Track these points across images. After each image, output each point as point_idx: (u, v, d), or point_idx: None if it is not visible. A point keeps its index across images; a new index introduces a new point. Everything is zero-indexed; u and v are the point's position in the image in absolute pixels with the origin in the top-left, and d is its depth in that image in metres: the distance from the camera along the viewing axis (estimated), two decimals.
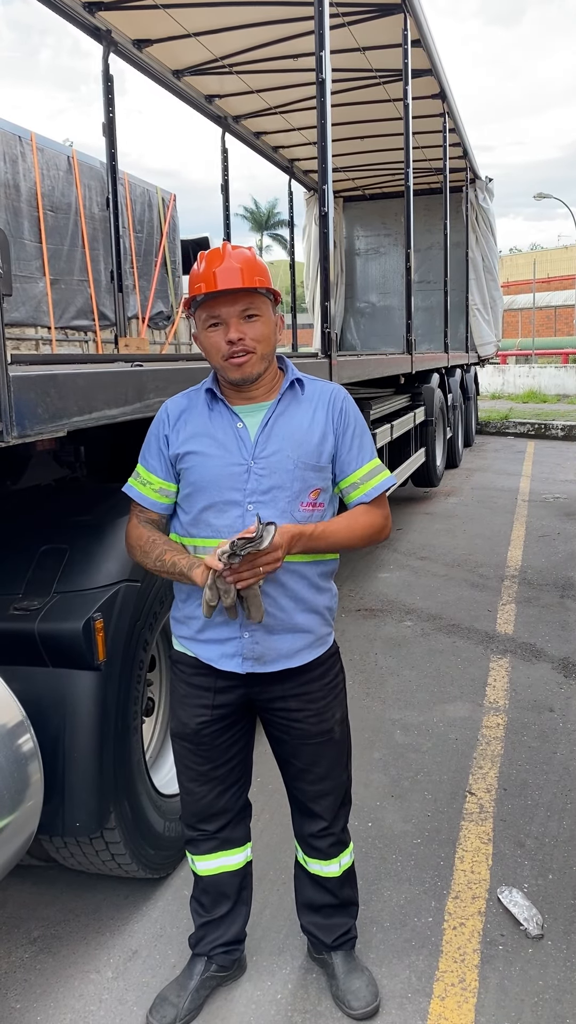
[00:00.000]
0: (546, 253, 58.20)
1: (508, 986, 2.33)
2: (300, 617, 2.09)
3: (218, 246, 2.02)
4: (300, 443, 2.03)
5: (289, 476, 2.01)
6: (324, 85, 4.52)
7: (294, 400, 2.08)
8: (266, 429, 2.03)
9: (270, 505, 2.00)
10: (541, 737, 3.77)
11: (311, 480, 2.04)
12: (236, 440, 2.02)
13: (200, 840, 2.25)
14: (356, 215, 14.00)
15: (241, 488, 2.00)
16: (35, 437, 1.93)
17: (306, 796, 2.24)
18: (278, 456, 2.01)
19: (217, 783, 2.19)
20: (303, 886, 2.37)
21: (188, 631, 2.14)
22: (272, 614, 2.03)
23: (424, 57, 7.69)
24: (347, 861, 2.33)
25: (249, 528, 1.84)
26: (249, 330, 1.97)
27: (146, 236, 11.37)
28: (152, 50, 7.41)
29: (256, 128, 10.09)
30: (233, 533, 1.95)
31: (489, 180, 13.09)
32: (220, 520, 2.02)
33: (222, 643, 2.08)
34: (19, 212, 8.63)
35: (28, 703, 2.10)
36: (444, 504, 9.27)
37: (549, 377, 24.72)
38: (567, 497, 9.60)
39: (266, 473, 2.00)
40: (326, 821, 2.25)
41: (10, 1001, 2.34)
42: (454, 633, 5.13)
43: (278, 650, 2.07)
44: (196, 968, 2.29)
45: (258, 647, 2.06)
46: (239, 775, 2.23)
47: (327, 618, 2.17)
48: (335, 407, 2.09)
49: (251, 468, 2.01)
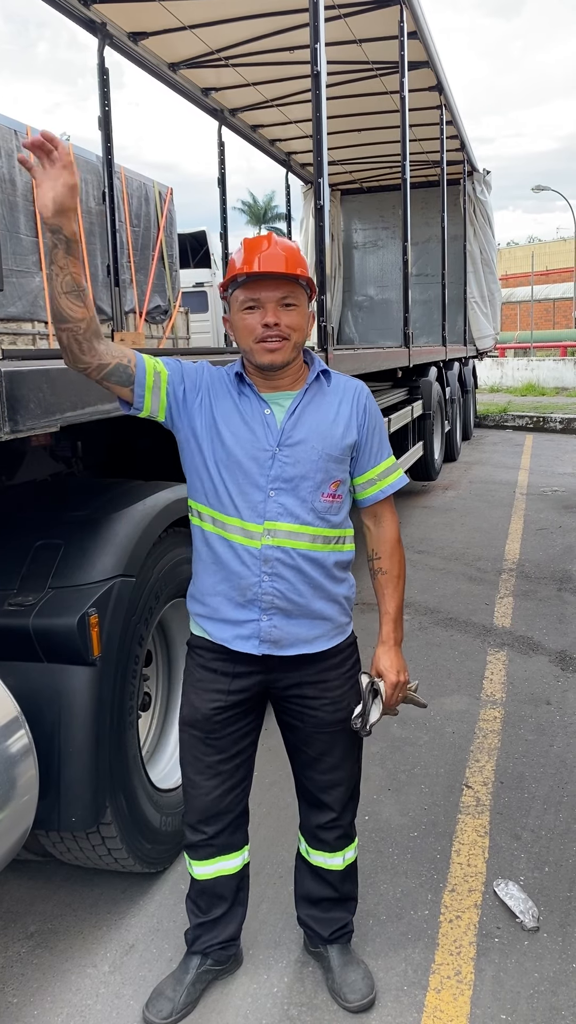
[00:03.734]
0: (544, 246, 58.06)
1: (504, 978, 2.34)
2: (318, 604, 2.09)
3: (263, 234, 2.04)
4: (325, 435, 2.05)
5: (313, 466, 2.03)
6: (319, 78, 4.50)
7: (320, 391, 2.10)
8: (293, 417, 2.05)
9: (292, 493, 2.02)
10: (538, 730, 3.77)
11: (333, 471, 2.06)
12: (263, 425, 2.04)
13: (199, 845, 2.23)
14: (354, 208, 13.97)
15: (265, 473, 2.02)
16: (28, 432, 1.93)
17: (316, 786, 2.24)
18: (304, 446, 2.03)
19: (223, 778, 2.17)
20: (303, 878, 2.37)
21: (202, 608, 2.14)
22: (291, 599, 2.05)
23: (421, 49, 7.66)
24: (351, 856, 2.33)
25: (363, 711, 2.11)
26: (285, 317, 1.99)
27: (143, 230, 11.33)
28: (148, 43, 7.39)
29: (253, 121, 10.06)
30: (253, 516, 2.01)
31: (487, 172, 13.06)
32: (242, 501, 2.03)
33: (238, 624, 2.08)
34: (15, 206, 8.60)
35: (23, 699, 2.10)
36: (442, 498, 9.27)
37: (547, 370, 24.70)
38: (565, 490, 9.60)
39: (291, 461, 2.02)
40: (335, 812, 2.25)
41: (7, 996, 2.34)
42: (451, 627, 5.14)
43: (296, 635, 2.08)
44: (192, 963, 2.29)
45: (276, 631, 2.07)
46: (244, 774, 2.22)
47: (345, 608, 2.17)
48: (359, 403, 2.12)
49: (276, 455, 2.02)
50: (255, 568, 2.03)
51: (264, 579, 2.04)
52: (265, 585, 2.04)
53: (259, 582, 2.04)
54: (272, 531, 2.02)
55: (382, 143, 10.91)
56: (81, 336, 1.88)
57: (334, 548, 2.10)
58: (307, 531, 2.04)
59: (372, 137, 10.74)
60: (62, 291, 1.82)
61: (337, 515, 2.10)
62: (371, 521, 2.20)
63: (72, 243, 1.80)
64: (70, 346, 1.89)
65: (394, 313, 12.68)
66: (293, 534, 2.03)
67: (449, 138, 10.15)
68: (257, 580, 2.04)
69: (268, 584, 2.04)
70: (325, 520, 2.07)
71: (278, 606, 2.05)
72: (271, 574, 2.03)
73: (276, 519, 2.02)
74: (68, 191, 1.74)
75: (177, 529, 2.78)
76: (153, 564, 2.60)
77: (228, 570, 2.06)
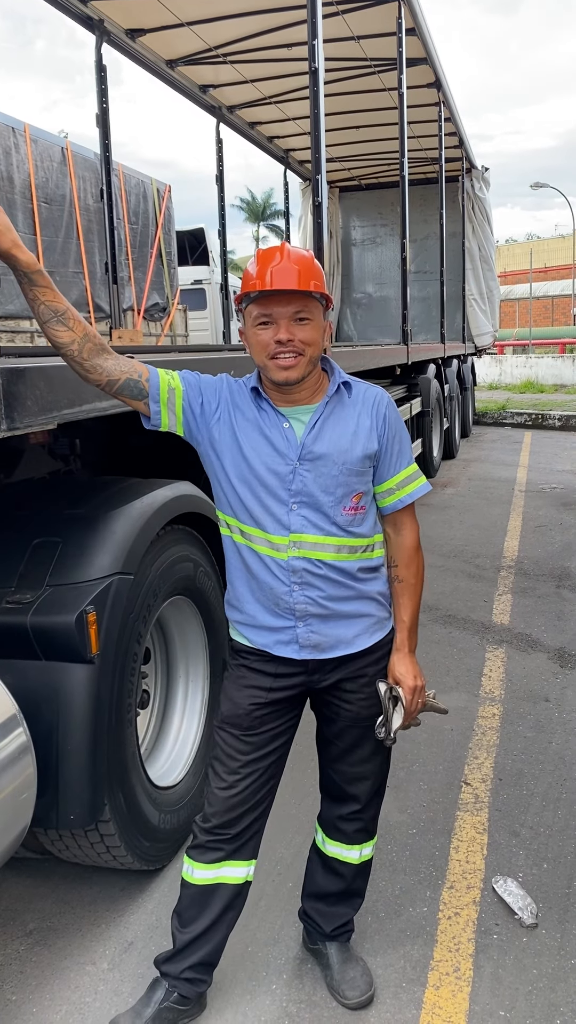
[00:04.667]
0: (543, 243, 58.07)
1: (502, 975, 2.34)
2: (353, 605, 2.09)
3: (276, 245, 2.02)
4: (346, 449, 2.03)
5: (334, 481, 2.02)
6: (317, 74, 4.50)
7: (340, 404, 2.08)
8: (314, 431, 2.03)
9: (313, 507, 2.02)
10: (536, 727, 3.78)
11: (354, 485, 2.05)
12: (283, 440, 2.02)
13: (210, 847, 2.14)
14: (352, 205, 13.95)
15: (287, 488, 2.01)
16: (25, 430, 1.92)
17: (344, 778, 2.23)
18: (324, 460, 2.02)
19: (255, 776, 2.12)
20: (315, 871, 2.36)
21: (240, 615, 2.14)
22: (324, 605, 2.05)
23: (419, 45, 7.65)
24: (368, 853, 2.32)
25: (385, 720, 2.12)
26: (299, 332, 1.96)
27: (141, 228, 11.31)
28: (145, 40, 7.38)
29: (251, 118, 10.05)
30: (278, 528, 2.02)
31: (485, 169, 13.05)
32: (265, 514, 2.02)
33: (276, 631, 2.08)
34: (13, 204, 8.59)
35: (21, 697, 2.10)
36: (441, 495, 9.27)
37: (546, 367, 24.71)
38: (564, 487, 9.60)
39: (310, 476, 2.01)
40: (359, 804, 2.25)
41: (6, 993, 2.34)
42: (450, 624, 5.14)
43: (336, 636, 2.08)
44: (155, 996, 2.16)
45: (315, 636, 2.06)
46: (273, 773, 2.17)
47: (383, 603, 2.17)
48: (379, 413, 2.09)
49: (297, 469, 2.01)
50: (284, 578, 2.04)
51: (295, 589, 2.04)
52: (296, 595, 2.04)
53: (290, 591, 2.04)
54: (298, 543, 2.02)
55: (380, 140, 10.90)
56: (79, 357, 1.91)
57: (361, 556, 2.09)
58: (332, 542, 2.03)
59: (370, 134, 10.72)
60: (43, 321, 1.87)
61: (361, 526, 2.08)
62: (391, 529, 2.18)
63: (34, 274, 1.83)
64: (72, 367, 1.94)
65: (392, 310, 12.67)
66: (318, 545, 2.03)
67: (447, 135, 10.14)
68: (287, 590, 2.04)
69: (299, 594, 2.04)
70: (349, 532, 2.05)
71: (312, 612, 2.05)
72: (301, 583, 2.03)
73: (301, 531, 2.02)
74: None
75: (175, 527, 2.78)
76: (151, 562, 2.60)
77: (259, 580, 2.07)
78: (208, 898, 2.16)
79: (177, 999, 2.16)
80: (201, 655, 3.12)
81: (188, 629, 3.09)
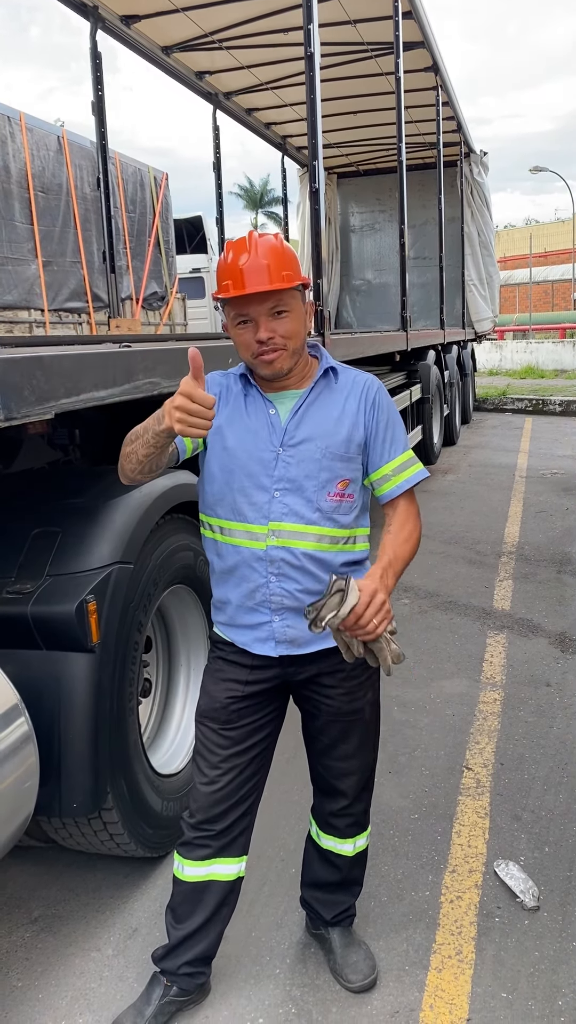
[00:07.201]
0: (543, 227, 57.81)
1: (504, 957, 2.36)
2: None
3: (244, 236, 1.97)
4: (329, 433, 2.01)
5: (316, 465, 2.00)
6: (313, 59, 4.46)
7: (327, 389, 2.07)
8: (296, 416, 2.02)
9: (296, 493, 2.00)
10: (538, 712, 3.79)
11: (339, 470, 2.02)
12: (268, 426, 2.02)
13: (197, 844, 2.13)
14: (350, 191, 13.88)
15: (269, 474, 2.00)
16: (22, 420, 1.92)
17: (331, 773, 2.23)
18: (306, 445, 2.00)
19: (236, 772, 2.11)
20: (311, 861, 2.37)
21: (223, 616, 2.14)
22: (300, 599, 2.02)
23: (416, 29, 7.59)
24: (362, 844, 2.33)
25: (320, 602, 1.80)
26: (279, 327, 1.94)
27: (139, 216, 11.28)
28: (140, 26, 7.32)
29: (248, 104, 9.98)
30: (258, 517, 1.99)
31: (484, 154, 12.96)
32: (247, 504, 2.01)
33: (254, 628, 2.07)
34: (9, 194, 8.56)
35: (23, 686, 2.10)
36: (441, 482, 9.26)
37: (547, 352, 24.65)
38: (564, 473, 9.60)
39: (293, 461, 2.00)
40: (348, 799, 2.24)
41: (12, 980, 2.36)
42: (451, 610, 5.15)
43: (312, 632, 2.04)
44: (154, 993, 2.17)
45: (291, 631, 2.05)
46: (256, 769, 2.16)
47: None
48: (367, 398, 2.06)
49: (279, 455, 2.00)
50: (262, 569, 2.02)
51: (271, 580, 2.02)
52: (272, 586, 2.02)
53: (266, 583, 2.02)
54: (276, 531, 2.00)
55: (378, 125, 10.82)
56: (138, 480, 2.05)
57: (343, 548, 2.06)
58: (312, 531, 2.01)
59: (368, 119, 10.64)
60: (135, 463, 1.96)
61: (347, 515, 2.05)
62: (391, 514, 2.13)
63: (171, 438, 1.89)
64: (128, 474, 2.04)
65: (392, 297, 12.60)
66: (298, 534, 2.00)
67: (445, 119, 10.08)
68: (264, 581, 2.02)
69: (276, 585, 2.02)
70: (332, 520, 2.03)
71: (287, 606, 2.04)
72: (277, 575, 2.02)
73: (280, 519, 2.00)
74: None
75: (175, 516, 2.78)
76: (151, 551, 2.60)
77: (237, 575, 2.05)
78: (201, 895, 2.15)
79: (177, 992, 2.17)
80: (202, 643, 3.13)
81: (189, 617, 3.10)
